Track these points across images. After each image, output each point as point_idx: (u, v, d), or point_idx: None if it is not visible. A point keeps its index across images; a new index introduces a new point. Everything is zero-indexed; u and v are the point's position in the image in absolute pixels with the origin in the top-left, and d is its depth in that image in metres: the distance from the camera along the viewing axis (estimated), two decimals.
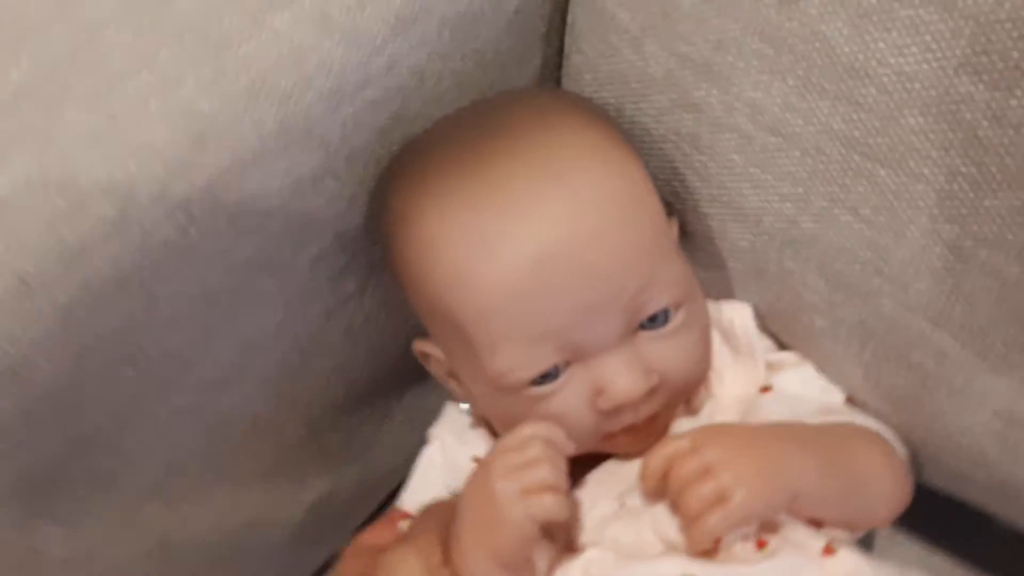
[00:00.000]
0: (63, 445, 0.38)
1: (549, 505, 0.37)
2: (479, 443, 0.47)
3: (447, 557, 0.40)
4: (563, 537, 0.43)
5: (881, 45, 0.36)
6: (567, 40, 0.50)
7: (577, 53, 0.49)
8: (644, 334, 0.41)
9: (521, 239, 0.38)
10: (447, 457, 0.48)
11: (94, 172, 0.35)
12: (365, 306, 0.49)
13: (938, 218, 0.37)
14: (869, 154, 0.38)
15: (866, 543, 0.55)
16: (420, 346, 0.46)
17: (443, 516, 0.41)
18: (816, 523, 0.41)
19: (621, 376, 0.40)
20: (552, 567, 0.41)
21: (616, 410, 0.41)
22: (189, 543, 0.47)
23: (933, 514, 0.48)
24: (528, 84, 0.53)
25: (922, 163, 0.37)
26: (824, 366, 0.46)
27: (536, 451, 0.38)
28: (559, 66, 0.52)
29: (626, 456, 0.44)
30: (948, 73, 0.35)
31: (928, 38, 0.35)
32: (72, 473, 0.39)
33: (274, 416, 0.48)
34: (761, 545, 0.40)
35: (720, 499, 0.38)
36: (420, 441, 0.55)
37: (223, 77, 0.37)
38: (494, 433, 0.48)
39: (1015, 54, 0.33)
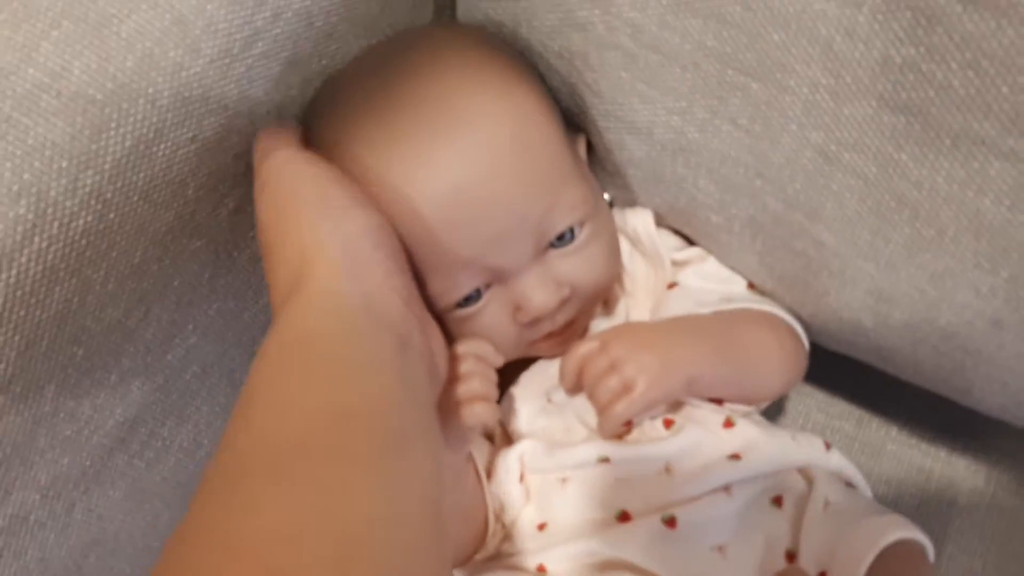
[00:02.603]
0: (22, 423, 0.41)
1: (480, 412, 0.42)
2: None
3: None
4: (502, 432, 0.48)
5: None
6: None
7: None
8: (554, 252, 0.45)
9: (428, 182, 0.41)
10: None
11: (2, 176, 0.36)
12: None
13: (806, 126, 0.40)
14: (741, 69, 0.40)
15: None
16: None
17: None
18: (717, 401, 0.46)
19: (535, 292, 0.44)
20: (492, 458, 0.47)
21: (534, 322, 0.45)
22: (157, 487, 0.51)
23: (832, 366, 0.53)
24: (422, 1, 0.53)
25: (787, 76, 0.39)
26: (724, 256, 0.50)
27: (467, 367, 0.43)
28: None
29: (551, 356, 0.49)
30: None
31: None
32: (38, 445, 0.42)
33: (221, 358, 0.51)
34: (668, 424, 0.46)
35: (625, 390, 0.43)
36: None
37: (109, 60, 0.38)
38: None
39: None
